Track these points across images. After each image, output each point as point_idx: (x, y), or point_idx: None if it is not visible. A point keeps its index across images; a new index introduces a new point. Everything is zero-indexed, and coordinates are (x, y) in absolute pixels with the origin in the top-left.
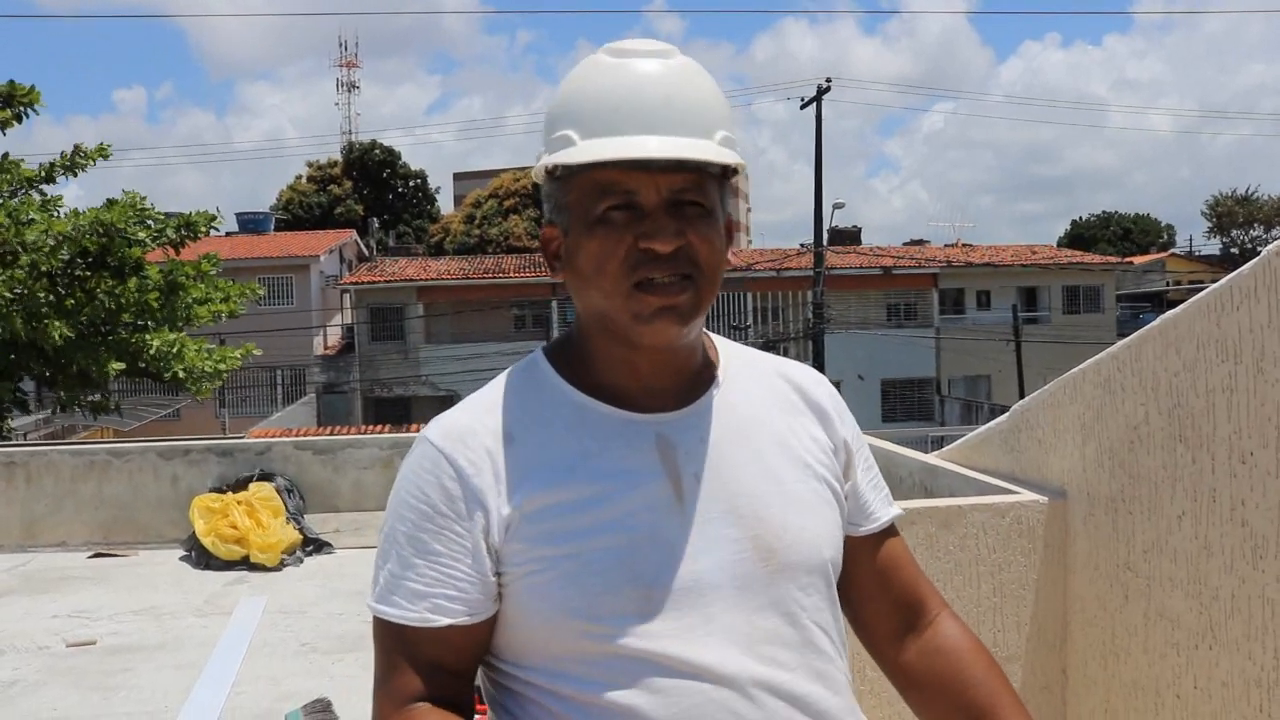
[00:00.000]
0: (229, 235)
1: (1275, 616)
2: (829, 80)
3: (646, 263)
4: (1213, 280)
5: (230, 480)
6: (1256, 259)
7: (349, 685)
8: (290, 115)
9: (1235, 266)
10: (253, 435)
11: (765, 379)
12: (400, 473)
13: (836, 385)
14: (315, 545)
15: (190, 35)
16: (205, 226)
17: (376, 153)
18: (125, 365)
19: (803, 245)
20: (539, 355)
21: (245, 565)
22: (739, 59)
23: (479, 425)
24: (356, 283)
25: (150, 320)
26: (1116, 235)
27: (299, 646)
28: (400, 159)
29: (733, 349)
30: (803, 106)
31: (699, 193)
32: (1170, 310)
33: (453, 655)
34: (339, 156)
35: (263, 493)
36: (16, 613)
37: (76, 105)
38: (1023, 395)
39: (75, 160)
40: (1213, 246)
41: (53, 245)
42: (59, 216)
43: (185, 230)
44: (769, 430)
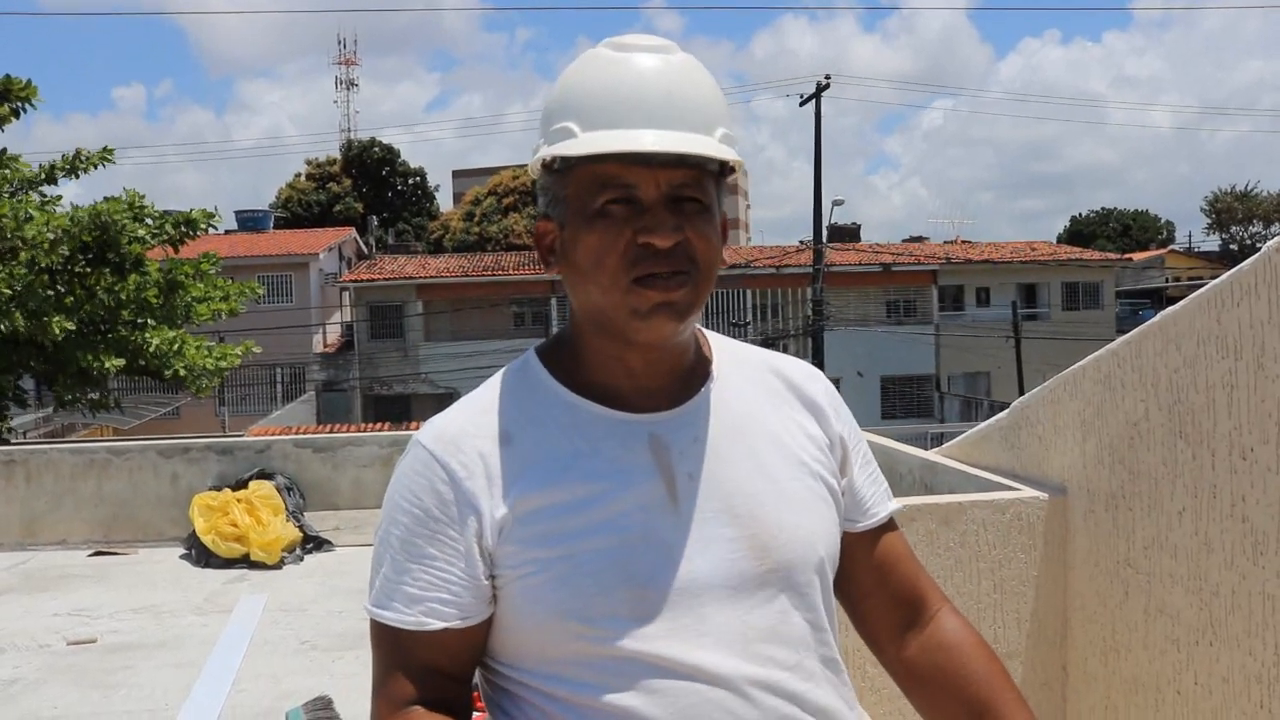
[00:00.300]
0: (228, 233)
1: (1276, 612)
2: (828, 77)
3: (646, 258)
4: (1212, 277)
5: (230, 478)
6: (1257, 255)
7: (349, 683)
8: (289, 113)
9: (1234, 263)
10: (252, 433)
11: (759, 375)
12: (394, 476)
13: (836, 382)
14: (315, 543)
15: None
16: (204, 224)
17: (376, 150)
18: (125, 362)
19: (802, 242)
20: (531, 356)
21: (245, 563)
22: (738, 56)
23: (471, 428)
24: (356, 280)
25: (150, 318)
26: (1116, 232)
27: (299, 644)
28: (399, 156)
29: (726, 345)
30: (802, 103)
31: (698, 189)
32: (1170, 307)
33: (448, 659)
34: (338, 154)
35: (262, 490)
36: (16, 611)
37: (76, 103)
38: (1022, 392)
39: (76, 164)
40: (1212, 243)
41: (52, 240)
42: (58, 212)
43: (185, 227)
44: (763, 428)
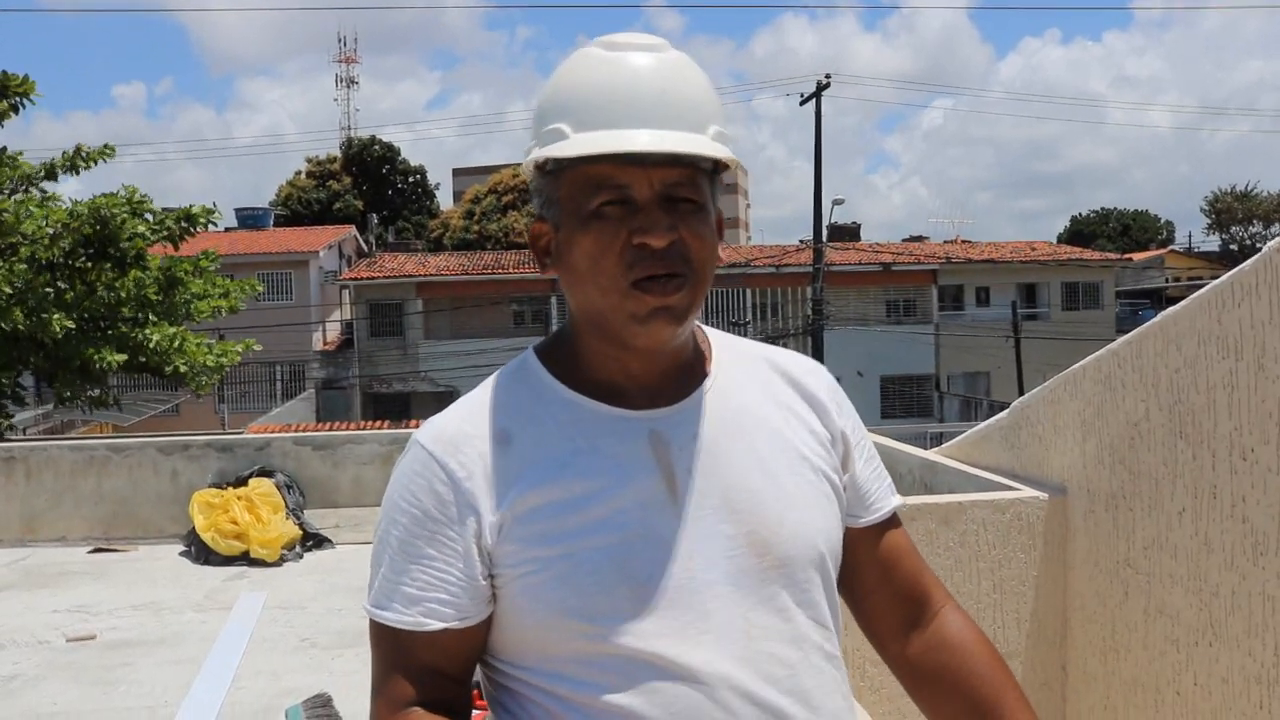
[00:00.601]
0: (228, 231)
1: (1275, 613)
2: (829, 76)
3: (642, 259)
4: (1212, 277)
5: (230, 476)
6: (1258, 255)
7: (349, 680)
8: (290, 111)
9: (1234, 263)
10: (251, 431)
11: (759, 371)
12: (393, 477)
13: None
14: (315, 540)
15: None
16: (204, 219)
17: (376, 148)
18: (126, 357)
19: (802, 241)
20: (530, 355)
21: (245, 560)
22: (739, 55)
23: (470, 427)
24: (355, 278)
25: (150, 314)
26: (1116, 232)
27: (299, 642)
28: (400, 155)
29: (725, 341)
30: (802, 103)
31: (692, 188)
32: (1170, 307)
33: (447, 659)
34: (338, 152)
35: (262, 488)
36: (16, 607)
37: (76, 101)
38: (1022, 392)
39: (77, 161)
40: (1212, 243)
41: (52, 235)
42: (57, 207)
43: (185, 223)
44: (763, 423)
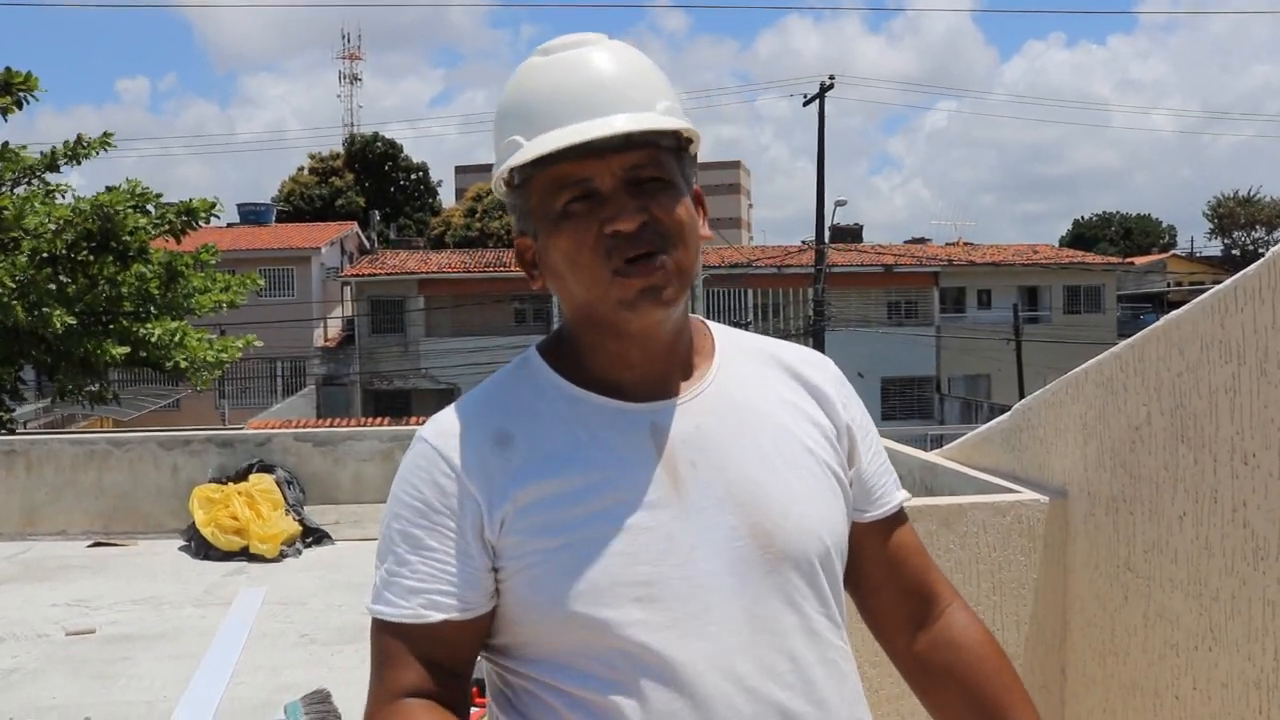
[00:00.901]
0: (230, 226)
1: (1276, 618)
2: (832, 78)
3: (617, 246)
4: (1214, 281)
5: (230, 471)
6: (1262, 260)
7: (348, 676)
8: (293, 107)
9: (1236, 268)
10: (252, 427)
11: (763, 364)
12: (397, 473)
13: None
14: (315, 537)
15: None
16: (205, 213)
17: (378, 145)
18: (128, 350)
19: (804, 242)
20: (533, 352)
21: (245, 556)
22: (743, 56)
23: (473, 422)
24: (357, 275)
25: (152, 307)
26: (1118, 235)
27: (298, 637)
28: (402, 152)
29: (729, 335)
30: (805, 104)
31: (655, 167)
32: (1172, 311)
33: (446, 651)
34: (341, 149)
35: (263, 484)
36: (16, 600)
37: (80, 95)
38: (1022, 394)
39: (78, 150)
40: (1214, 248)
41: (55, 229)
42: (61, 202)
43: (186, 216)
44: (767, 416)
